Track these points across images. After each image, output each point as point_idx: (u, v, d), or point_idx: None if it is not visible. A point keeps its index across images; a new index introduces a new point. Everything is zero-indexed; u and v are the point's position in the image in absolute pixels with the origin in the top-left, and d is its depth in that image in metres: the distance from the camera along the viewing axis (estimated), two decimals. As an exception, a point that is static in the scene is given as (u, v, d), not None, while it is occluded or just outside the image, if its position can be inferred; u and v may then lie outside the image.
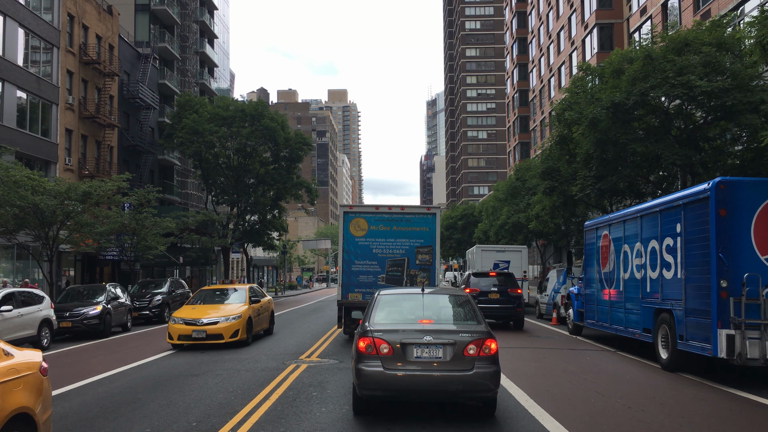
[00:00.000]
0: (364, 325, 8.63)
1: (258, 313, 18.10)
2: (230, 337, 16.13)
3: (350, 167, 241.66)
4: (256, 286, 19.69)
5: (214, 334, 16.00)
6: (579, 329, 19.46)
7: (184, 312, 16.94)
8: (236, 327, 16.32)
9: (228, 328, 16.15)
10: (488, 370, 8.02)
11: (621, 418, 8.70)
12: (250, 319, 17.11)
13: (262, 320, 18.79)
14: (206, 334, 15.95)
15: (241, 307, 17.08)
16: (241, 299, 17.80)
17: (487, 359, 8.07)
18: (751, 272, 10.78)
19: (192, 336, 15.97)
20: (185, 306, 17.81)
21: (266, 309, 19.31)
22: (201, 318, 16.29)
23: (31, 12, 32.81)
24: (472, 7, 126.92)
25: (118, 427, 8.41)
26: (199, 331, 15.96)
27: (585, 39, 48.99)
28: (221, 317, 16.36)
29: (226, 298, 18.26)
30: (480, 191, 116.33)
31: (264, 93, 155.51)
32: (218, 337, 16.02)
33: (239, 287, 19.00)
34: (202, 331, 15.96)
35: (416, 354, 8.07)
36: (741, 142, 20.40)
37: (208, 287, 20.70)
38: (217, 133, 43.80)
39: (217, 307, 17.26)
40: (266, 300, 19.66)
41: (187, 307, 17.57)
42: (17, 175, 23.23)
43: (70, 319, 19.98)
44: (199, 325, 16.06)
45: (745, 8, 26.62)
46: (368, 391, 8.18)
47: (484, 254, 34.19)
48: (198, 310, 16.89)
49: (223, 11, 69.14)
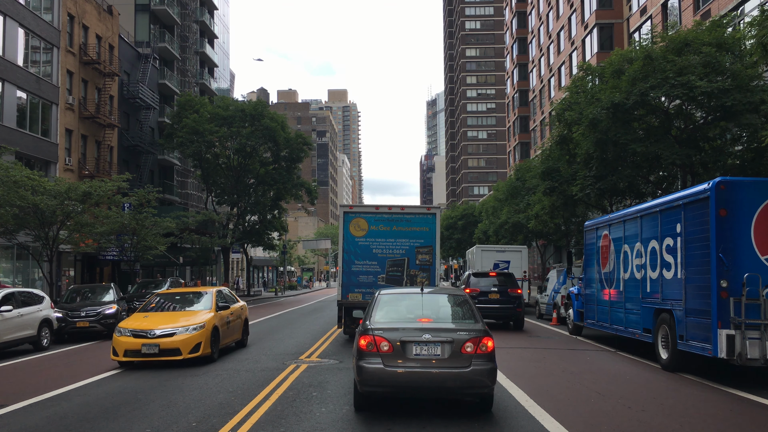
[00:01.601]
0: (365, 324, 8.84)
1: (227, 321, 15.21)
2: (190, 353, 13.29)
3: (350, 167, 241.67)
4: (225, 290, 16.91)
5: (170, 348, 13.19)
6: (579, 329, 19.46)
7: (134, 321, 14.01)
8: (197, 339, 13.46)
9: (187, 340, 13.31)
10: (485, 367, 8.28)
11: (621, 418, 8.70)
12: (216, 329, 14.33)
13: (233, 330, 15.82)
14: (159, 348, 13.13)
15: (204, 315, 14.27)
16: (205, 305, 14.99)
17: (484, 356, 8.32)
18: (751, 272, 10.78)
19: (141, 351, 13.13)
20: (136, 314, 14.92)
21: (238, 317, 16.35)
22: (153, 329, 13.40)
23: (31, 12, 32.81)
24: (472, 7, 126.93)
25: (119, 427, 8.40)
26: (150, 345, 13.14)
27: (585, 39, 48.99)
28: (179, 327, 13.48)
29: (186, 305, 15.40)
30: (480, 191, 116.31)
31: (264, 93, 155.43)
32: (174, 352, 13.22)
33: (204, 291, 16.02)
34: (154, 345, 13.14)
35: (415, 351, 8.32)
36: (741, 142, 20.41)
37: (166, 291, 17.52)
38: (217, 133, 43.80)
39: (174, 316, 14.49)
40: (238, 306, 16.67)
41: (138, 315, 14.71)
42: (17, 175, 23.23)
43: (87, 319, 19.48)
44: (151, 338, 13.22)
45: (745, 8, 26.62)
46: (369, 387, 8.40)
47: (484, 254, 34.20)
48: (151, 320, 14.08)
49: (223, 11, 69.13)
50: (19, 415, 9.27)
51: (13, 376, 13.11)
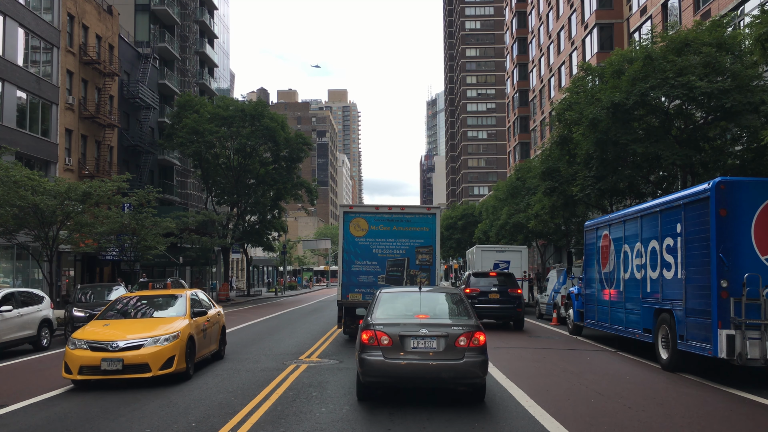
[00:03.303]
0: (367, 320, 9.50)
1: (203, 330, 13.02)
2: (161, 369, 11.09)
3: (350, 167, 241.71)
4: (201, 293, 14.67)
5: (136, 364, 10.97)
6: (579, 329, 19.46)
7: (92, 331, 11.79)
8: (170, 352, 11.24)
9: (158, 354, 11.08)
10: (477, 359, 8.95)
11: (621, 418, 8.70)
12: (192, 339, 12.13)
13: (209, 340, 13.59)
14: (123, 364, 10.90)
15: (178, 323, 12.05)
16: (178, 311, 12.81)
17: (476, 349, 9.00)
18: (752, 272, 10.78)
19: (101, 368, 10.88)
20: (94, 321, 12.67)
21: (214, 324, 14.12)
22: (116, 340, 11.17)
23: (31, 12, 32.81)
24: (472, 7, 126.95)
25: (119, 426, 8.41)
26: (112, 360, 10.90)
27: (585, 39, 48.99)
28: (147, 338, 11.25)
29: (156, 310, 13.21)
30: (480, 191, 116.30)
31: (264, 93, 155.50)
32: (142, 368, 11.01)
33: (177, 293, 13.78)
34: (116, 360, 10.91)
35: (413, 345, 9.00)
36: (741, 142, 20.41)
37: (131, 293, 14.95)
38: (217, 133, 43.80)
39: (141, 324, 12.27)
40: (214, 313, 14.40)
41: (96, 323, 12.44)
42: (17, 175, 23.20)
43: None
44: (113, 351, 11.01)
45: (745, 8, 26.62)
46: (371, 378, 9.08)
47: (484, 254, 34.21)
48: (113, 328, 11.86)
49: (223, 11, 69.14)
50: (18, 415, 9.27)
51: (13, 376, 13.11)
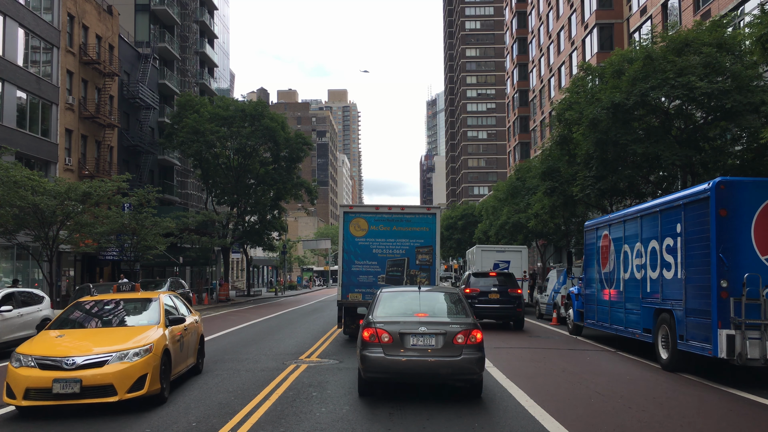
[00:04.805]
0: (368, 318, 9.78)
1: (179, 340, 10.82)
2: (129, 391, 8.97)
3: (350, 167, 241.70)
4: (177, 297, 12.63)
5: (98, 385, 8.81)
6: (579, 329, 19.46)
7: (42, 344, 9.56)
8: (141, 370, 9.12)
9: (125, 373, 8.97)
10: (474, 356, 9.23)
11: (621, 418, 8.70)
12: (168, 353, 10.00)
13: (186, 352, 11.40)
14: (81, 386, 8.70)
15: (150, 333, 9.88)
16: (150, 318, 10.65)
17: (473, 347, 9.26)
18: (752, 272, 10.79)
19: (53, 391, 8.72)
20: (45, 332, 10.30)
21: (191, 333, 11.84)
22: (72, 356, 8.97)
23: (31, 12, 32.81)
24: (472, 7, 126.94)
25: (118, 425, 8.40)
26: (67, 382, 8.68)
27: (585, 39, 49.00)
28: (113, 352, 9.11)
29: (123, 317, 10.98)
30: (480, 191, 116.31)
31: (264, 93, 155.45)
32: (105, 391, 8.85)
33: (149, 297, 11.51)
34: (73, 382, 8.70)
35: (412, 342, 9.28)
36: (741, 142, 20.41)
37: (91, 297, 12.06)
38: (217, 133, 43.80)
39: (105, 334, 10.08)
40: (192, 320, 12.11)
41: (46, 334, 10.13)
42: (17, 176, 23.22)
43: None
44: (69, 369, 8.80)
45: (745, 8, 26.62)
46: (371, 374, 9.36)
47: (484, 254, 34.21)
48: (69, 341, 9.68)
49: (223, 11, 69.15)
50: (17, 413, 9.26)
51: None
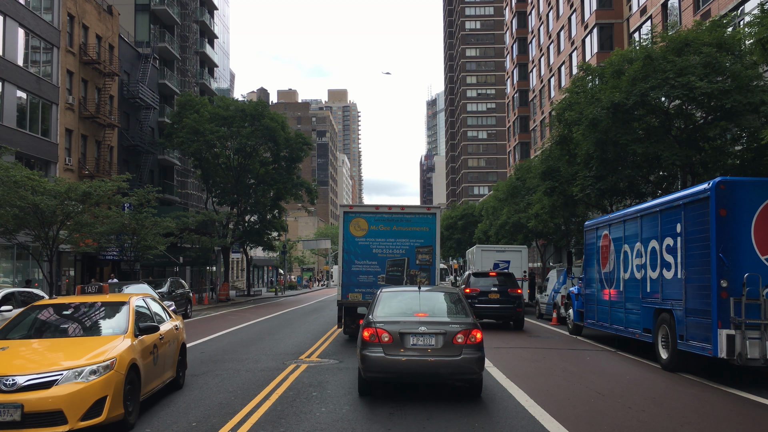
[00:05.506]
0: (368, 318, 9.77)
1: (152, 352, 9.16)
2: (83, 418, 7.35)
3: (350, 167, 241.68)
4: (152, 300, 10.68)
5: (44, 412, 7.23)
6: (579, 329, 19.46)
7: None
8: (99, 392, 7.52)
9: (78, 395, 7.37)
10: (474, 355, 9.24)
11: (621, 418, 8.70)
12: (136, 368, 8.41)
13: (162, 366, 9.69)
14: (23, 413, 7.14)
15: (114, 345, 8.26)
16: (117, 326, 9.01)
17: (473, 347, 9.27)
18: (752, 272, 10.78)
19: None
20: None
21: (169, 343, 10.10)
22: (12, 374, 7.40)
23: (31, 12, 32.80)
24: (472, 7, 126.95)
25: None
26: (5, 407, 7.14)
27: (585, 39, 48.99)
28: (64, 370, 7.50)
29: (82, 326, 9.27)
30: (480, 191, 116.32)
31: (264, 93, 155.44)
32: (53, 418, 7.25)
33: (117, 300, 9.85)
34: (12, 407, 7.15)
35: (412, 342, 9.29)
36: (741, 142, 20.41)
37: (46, 301, 10.17)
38: (217, 133, 43.79)
39: (58, 347, 8.38)
40: (169, 327, 10.42)
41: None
42: (17, 175, 23.20)
43: None
44: (7, 391, 7.25)
45: (745, 8, 26.62)
46: (372, 373, 9.37)
47: (484, 254, 34.20)
48: (12, 355, 8.02)
49: (223, 11, 69.14)
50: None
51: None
